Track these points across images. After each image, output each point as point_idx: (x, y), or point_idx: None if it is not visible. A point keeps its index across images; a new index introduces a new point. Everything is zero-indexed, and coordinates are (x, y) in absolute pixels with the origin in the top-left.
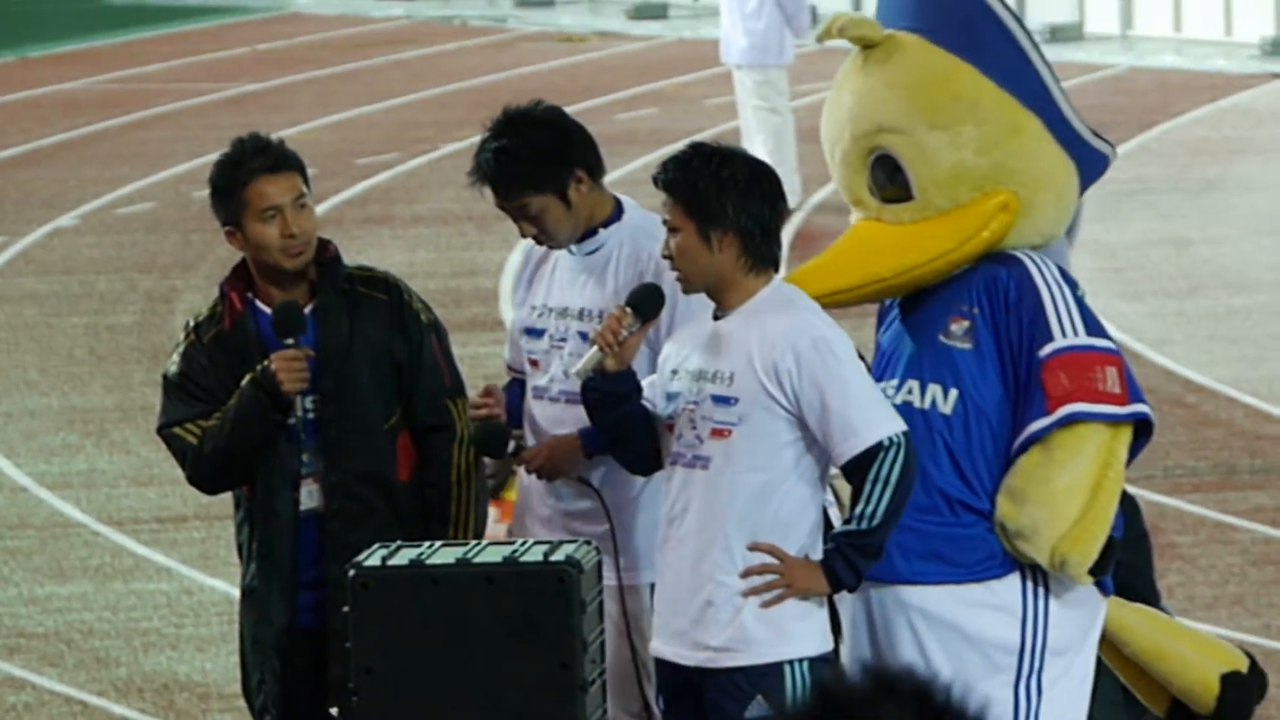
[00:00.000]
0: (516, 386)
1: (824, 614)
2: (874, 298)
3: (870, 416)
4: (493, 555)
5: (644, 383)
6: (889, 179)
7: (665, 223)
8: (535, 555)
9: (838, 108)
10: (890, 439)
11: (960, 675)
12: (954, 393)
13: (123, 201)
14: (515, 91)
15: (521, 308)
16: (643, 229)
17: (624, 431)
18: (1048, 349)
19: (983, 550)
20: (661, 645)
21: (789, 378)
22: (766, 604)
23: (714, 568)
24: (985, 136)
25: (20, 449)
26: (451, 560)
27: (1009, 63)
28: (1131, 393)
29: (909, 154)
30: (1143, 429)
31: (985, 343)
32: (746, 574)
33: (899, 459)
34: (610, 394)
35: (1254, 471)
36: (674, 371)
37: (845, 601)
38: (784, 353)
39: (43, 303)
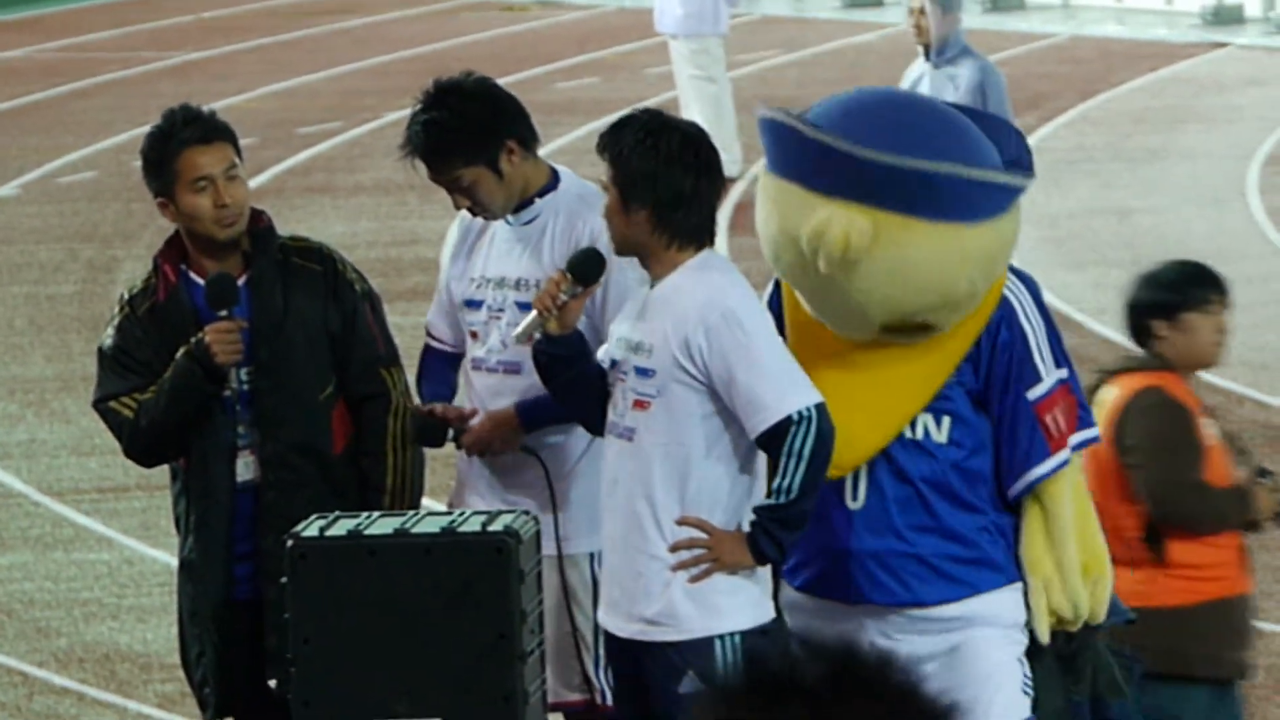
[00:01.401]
0: (432, 359)
1: (756, 588)
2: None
3: (780, 390)
4: (431, 526)
5: (601, 348)
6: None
7: (600, 183)
8: (473, 525)
9: (836, 296)
10: (800, 413)
11: (984, 659)
12: (946, 420)
13: (64, 170)
14: (458, 59)
15: (460, 280)
16: (579, 197)
17: (575, 393)
18: (1037, 391)
19: (995, 559)
20: (604, 615)
21: (700, 352)
22: (695, 579)
23: (643, 540)
24: (989, 269)
25: None
26: (389, 531)
27: (996, 198)
28: (1082, 417)
29: (939, 319)
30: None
31: (969, 373)
32: (675, 548)
33: (811, 431)
34: (556, 357)
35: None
36: (616, 339)
37: (827, 615)
38: (695, 326)
39: None
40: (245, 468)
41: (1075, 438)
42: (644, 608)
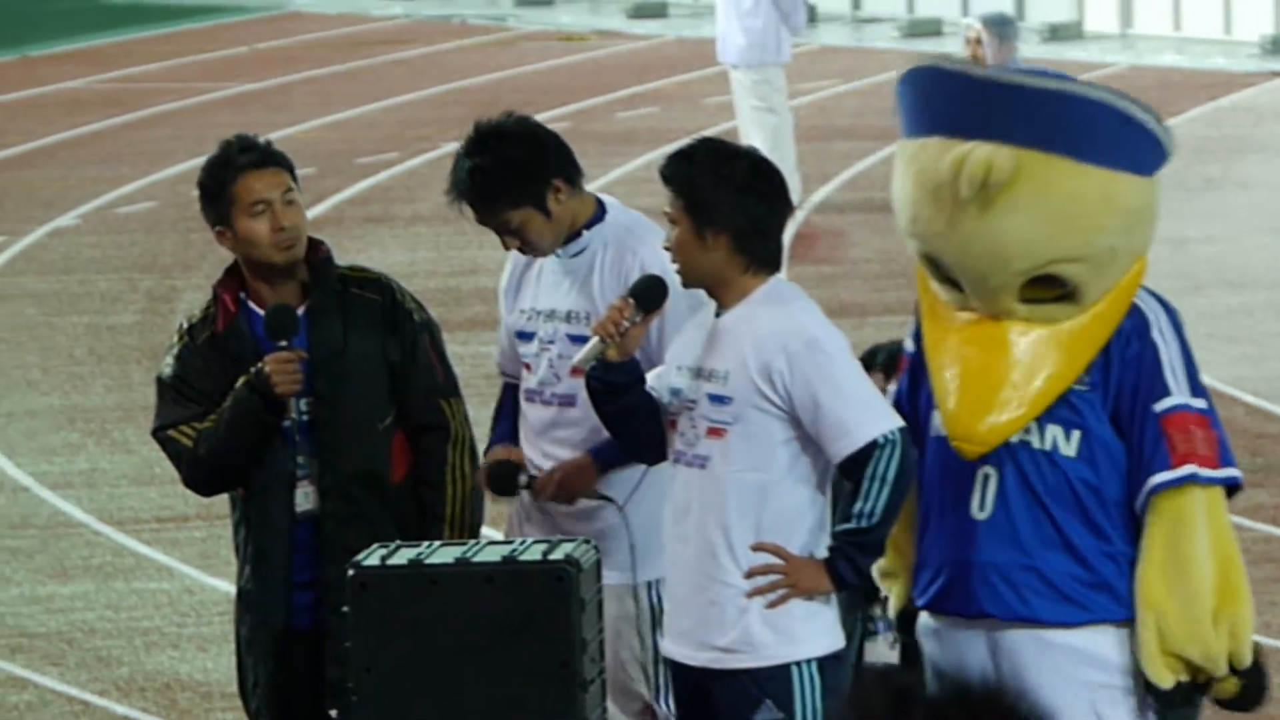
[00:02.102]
0: (507, 397)
1: (832, 613)
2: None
3: (864, 415)
4: (492, 555)
5: (650, 374)
6: (1039, 283)
7: (666, 214)
8: (534, 554)
9: (986, 239)
10: (885, 437)
11: (1100, 707)
12: (1076, 434)
13: (123, 201)
14: (516, 90)
15: (512, 313)
16: (626, 228)
17: (627, 421)
18: (1164, 404)
19: (1116, 588)
20: (670, 645)
21: (781, 378)
22: (771, 605)
23: (717, 568)
24: (1139, 233)
25: (21, 449)
26: (450, 560)
27: (1146, 149)
28: (1224, 455)
29: (1081, 275)
30: (1230, 489)
31: (1100, 387)
32: (750, 574)
33: (895, 456)
34: (612, 384)
35: (1254, 470)
36: (677, 368)
37: (953, 636)
38: (775, 353)
39: (43, 302)
40: (304, 498)
41: (1219, 473)
42: (718, 636)
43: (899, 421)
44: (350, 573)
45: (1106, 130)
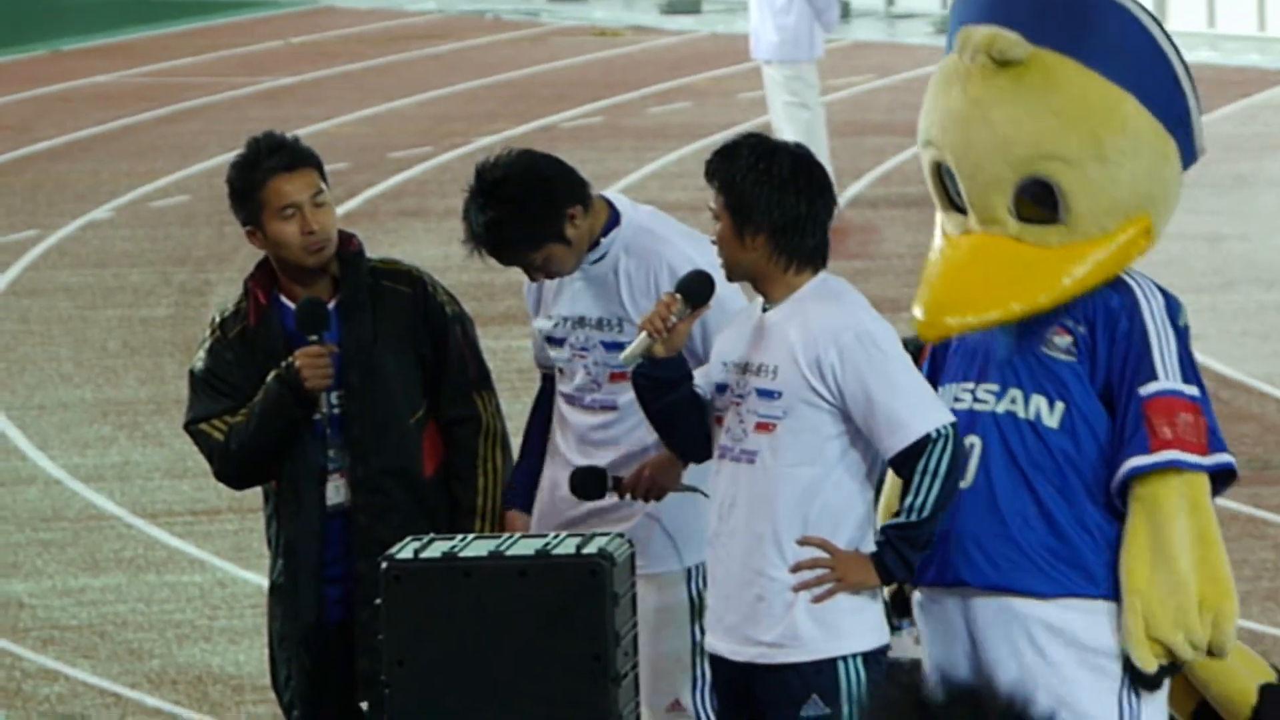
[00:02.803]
0: (544, 395)
1: (878, 607)
2: (1025, 319)
3: (917, 409)
4: (525, 548)
5: (697, 371)
6: (1034, 199)
7: (711, 210)
8: (568, 548)
9: (985, 128)
10: (938, 430)
11: (1066, 683)
12: (1060, 405)
13: (157, 194)
14: (549, 85)
15: (538, 317)
16: (646, 230)
17: (674, 418)
18: (1151, 388)
19: (1089, 565)
20: (715, 640)
21: (832, 372)
22: (818, 599)
23: (764, 562)
24: (1143, 170)
25: (54, 441)
26: (484, 553)
27: (1162, 88)
28: (1214, 441)
29: (1073, 185)
30: (1225, 476)
31: (1088, 361)
32: (796, 569)
33: (947, 450)
34: (659, 380)
35: None
36: (723, 364)
37: (934, 608)
38: (827, 346)
39: (77, 295)
40: (335, 491)
41: (1208, 459)
42: (764, 631)
43: (951, 416)
44: (383, 565)
45: (1128, 49)
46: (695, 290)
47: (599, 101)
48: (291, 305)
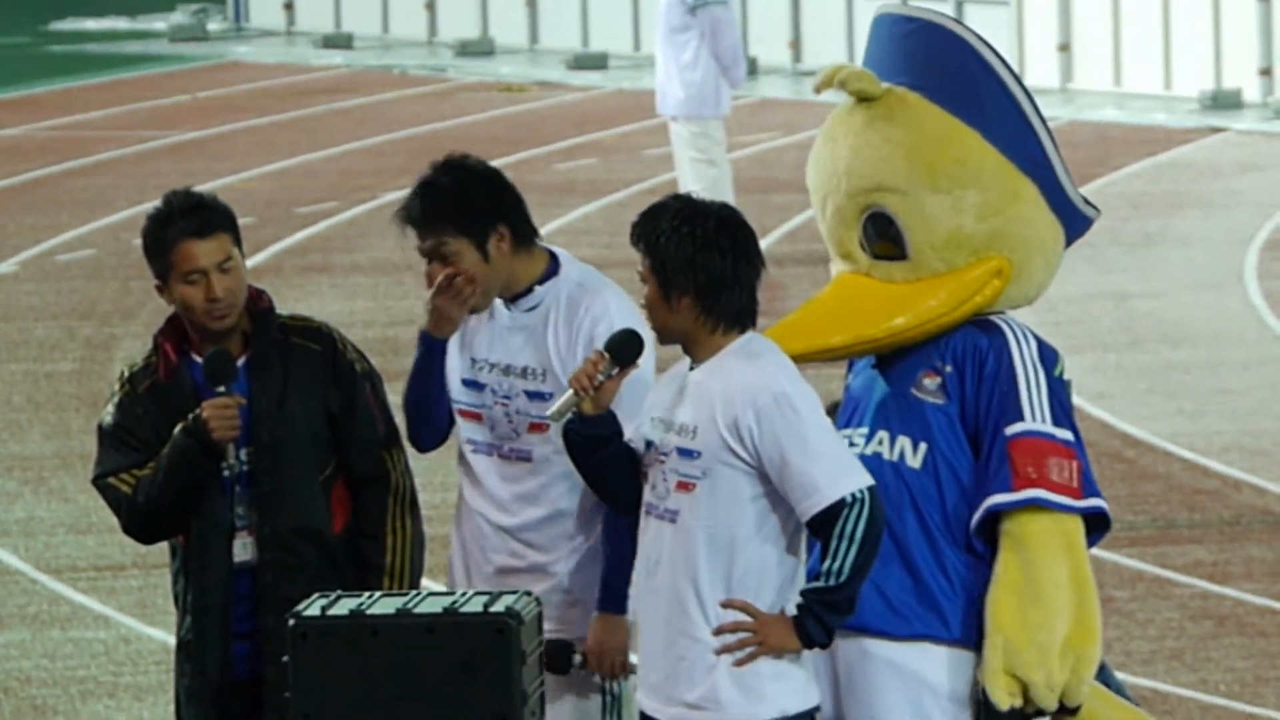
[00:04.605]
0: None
1: (802, 672)
2: (859, 355)
3: (833, 472)
4: (433, 605)
5: (629, 426)
6: (880, 234)
7: (639, 273)
8: (475, 606)
9: (831, 160)
10: (854, 495)
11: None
12: (923, 446)
13: (62, 248)
14: (455, 140)
15: (456, 356)
16: (579, 284)
17: (606, 474)
18: (1016, 428)
19: (944, 609)
20: (642, 697)
21: (750, 434)
22: (740, 662)
23: (687, 623)
24: (986, 203)
25: None
26: (391, 610)
27: (1010, 126)
28: (1087, 486)
29: (908, 216)
30: (1099, 522)
31: (955, 401)
32: (719, 631)
33: (864, 514)
34: (590, 436)
35: (1192, 526)
36: (651, 419)
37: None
38: (744, 408)
39: None
40: (243, 549)
41: (1080, 503)
42: (686, 691)
43: (868, 479)
44: (291, 622)
45: (973, 87)
46: (623, 349)
47: (505, 157)
48: (200, 361)
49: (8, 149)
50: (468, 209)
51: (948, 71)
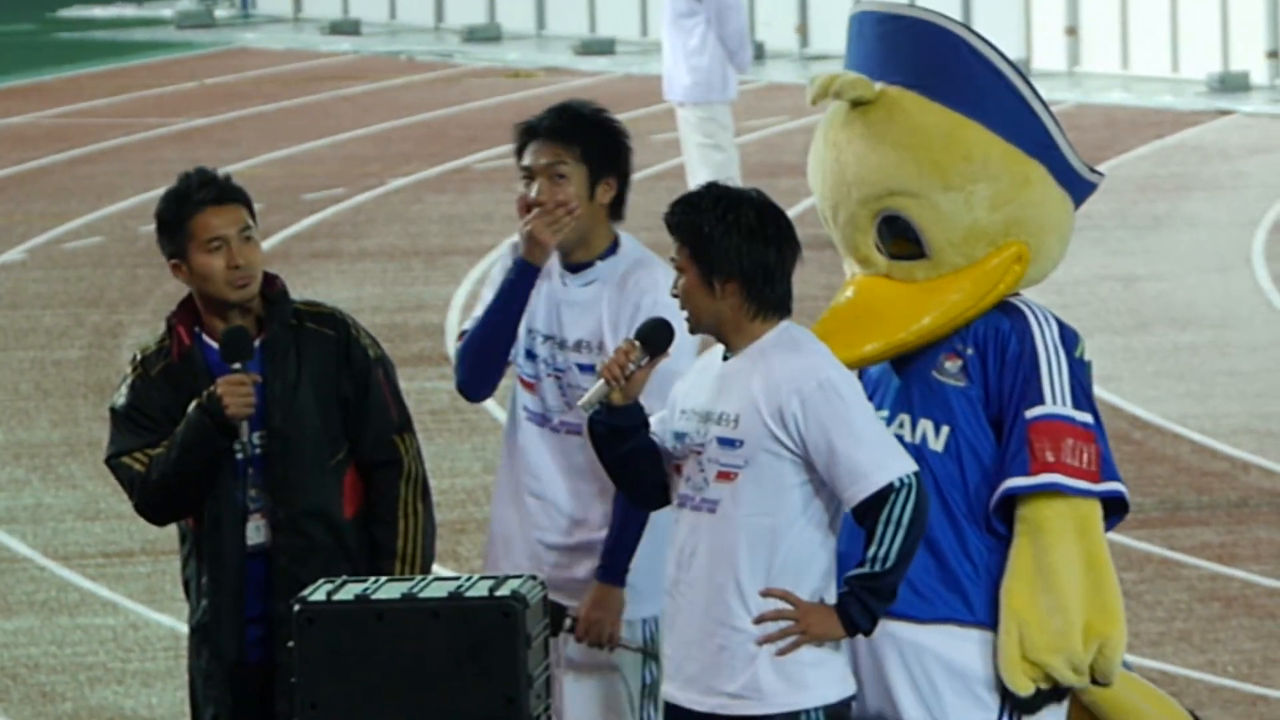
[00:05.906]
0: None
1: (841, 659)
2: (894, 356)
3: (879, 458)
4: (438, 590)
5: (653, 419)
6: (896, 235)
7: (673, 262)
8: (480, 590)
9: (837, 169)
10: (901, 480)
11: (945, 709)
12: (945, 430)
13: (70, 236)
14: (462, 126)
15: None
16: (638, 260)
17: (629, 466)
18: (1036, 411)
19: (968, 591)
20: (675, 690)
21: (794, 421)
22: (782, 651)
23: (726, 613)
24: (998, 193)
25: None
26: (396, 595)
27: (1010, 111)
28: (1105, 469)
29: (923, 217)
30: (1117, 506)
31: (977, 385)
32: (760, 620)
33: (910, 500)
34: (616, 428)
35: (1200, 508)
36: (682, 411)
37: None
38: (789, 396)
39: None
40: (256, 531)
41: (1097, 487)
42: (726, 682)
43: (913, 465)
44: (296, 608)
45: (969, 78)
46: (654, 339)
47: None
48: (214, 344)
49: (15, 137)
50: (601, 141)
51: (941, 66)
